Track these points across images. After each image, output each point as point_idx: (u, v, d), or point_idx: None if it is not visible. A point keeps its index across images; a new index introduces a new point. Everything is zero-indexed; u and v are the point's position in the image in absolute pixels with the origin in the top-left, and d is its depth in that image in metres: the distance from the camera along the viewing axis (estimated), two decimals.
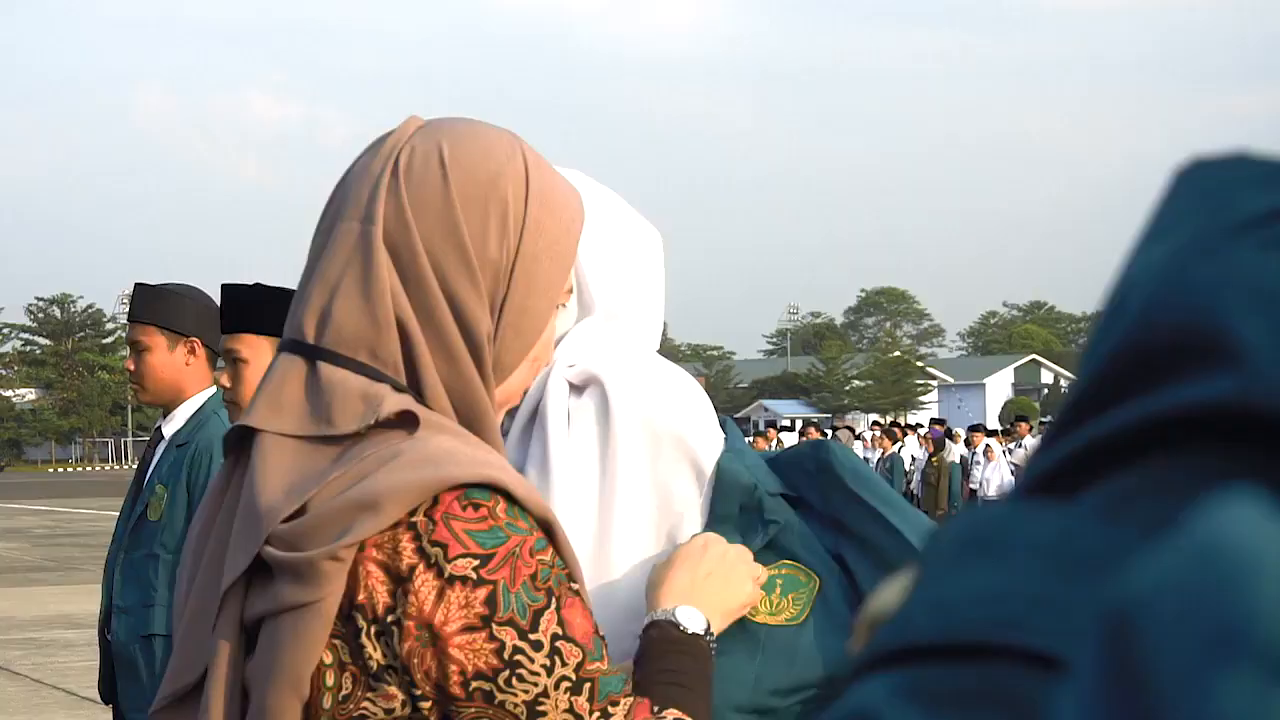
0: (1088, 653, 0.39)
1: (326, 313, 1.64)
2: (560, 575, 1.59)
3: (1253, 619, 0.36)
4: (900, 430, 28.25)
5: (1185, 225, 0.52)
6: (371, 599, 1.54)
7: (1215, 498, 0.40)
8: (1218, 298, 0.48)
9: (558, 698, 1.57)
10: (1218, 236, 0.50)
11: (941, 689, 0.47)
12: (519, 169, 1.69)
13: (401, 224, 1.64)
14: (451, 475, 1.54)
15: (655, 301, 2.11)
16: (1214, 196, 0.52)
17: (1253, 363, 0.46)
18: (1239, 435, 0.47)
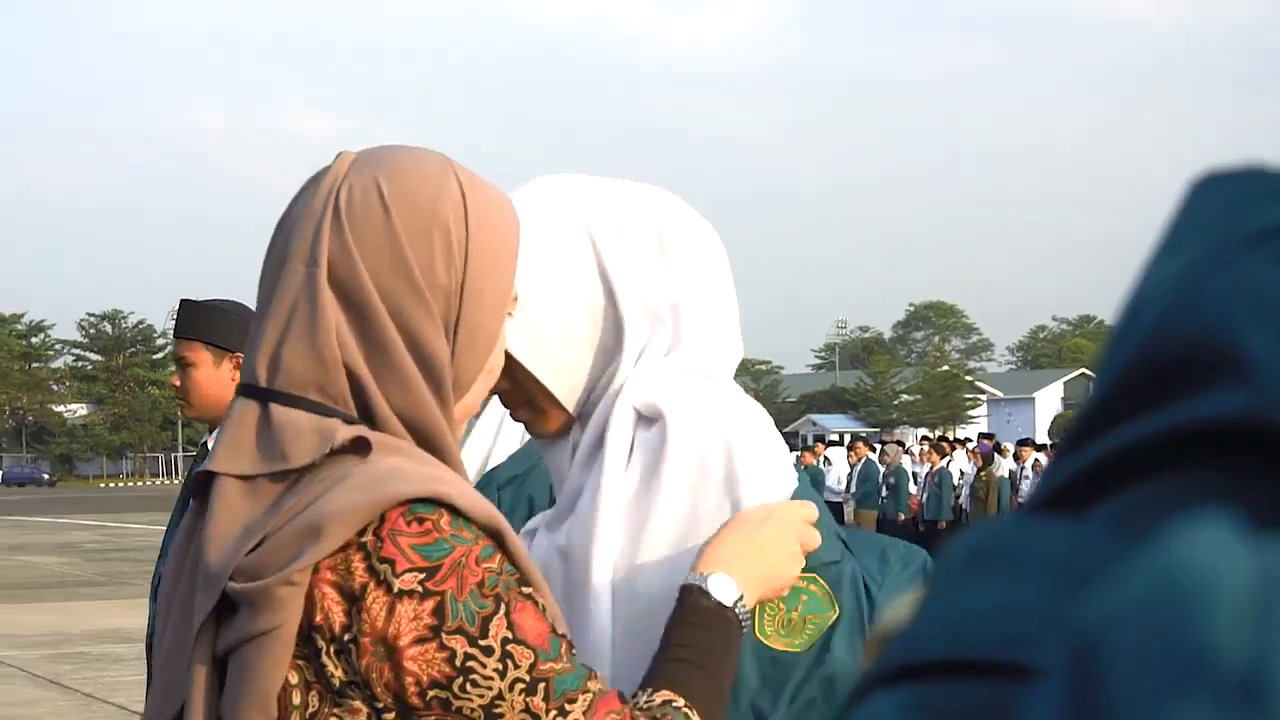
0: (1058, 673, 0.40)
1: (276, 356, 1.70)
2: (510, 581, 1.63)
3: (1208, 648, 0.36)
4: (949, 444, 28.10)
5: (1199, 238, 0.52)
6: (329, 619, 1.59)
7: (1182, 520, 0.40)
8: (1230, 312, 0.48)
9: (513, 699, 1.61)
10: (1231, 250, 0.50)
11: (949, 705, 0.47)
12: (455, 192, 1.75)
13: (349, 264, 1.69)
14: (397, 492, 1.59)
15: (731, 324, 2.10)
16: (1228, 209, 0.52)
17: (1264, 377, 0.46)
18: (1250, 450, 0.47)
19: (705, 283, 2.08)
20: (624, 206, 2.07)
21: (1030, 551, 0.48)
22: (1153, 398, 0.49)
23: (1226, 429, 0.47)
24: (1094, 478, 0.50)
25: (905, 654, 0.49)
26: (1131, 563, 0.40)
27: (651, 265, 2.05)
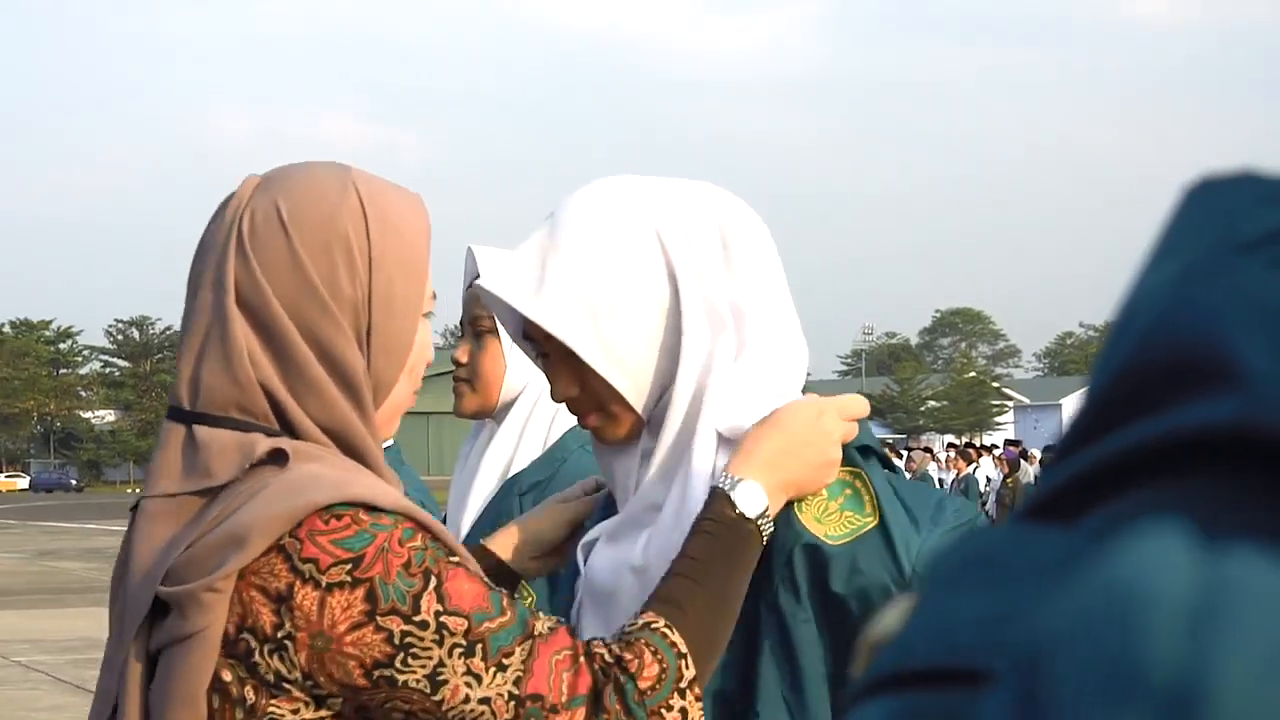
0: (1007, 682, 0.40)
1: (195, 379, 1.79)
2: (436, 554, 1.70)
3: (1144, 661, 0.36)
4: (975, 451, 28.03)
5: (1192, 244, 0.52)
6: (258, 621, 1.67)
7: (1133, 532, 0.40)
8: (1222, 318, 0.48)
9: (454, 664, 1.67)
10: (1223, 256, 0.50)
11: (936, 714, 0.46)
12: (354, 205, 1.81)
13: (255, 287, 1.77)
14: (313, 500, 1.66)
15: (794, 328, 2.10)
16: (1221, 215, 0.52)
17: (1255, 385, 0.46)
18: (1241, 458, 0.46)
19: (767, 286, 2.08)
20: (689, 207, 2.07)
21: (1020, 560, 0.48)
22: (1145, 405, 0.49)
23: (1218, 437, 0.47)
24: (1086, 485, 0.49)
25: (895, 662, 0.49)
26: (1080, 574, 0.40)
27: (716, 267, 2.05)
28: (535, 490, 2.91)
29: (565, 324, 2.01)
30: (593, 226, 2.04)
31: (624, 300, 2.03)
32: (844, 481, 1.99)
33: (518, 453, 2.96)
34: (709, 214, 2.07)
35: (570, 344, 2.00)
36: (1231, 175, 0.54)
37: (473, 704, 1.68)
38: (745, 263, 2.06)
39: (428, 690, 1.67)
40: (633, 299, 2.03)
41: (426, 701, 1.68)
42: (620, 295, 2.03)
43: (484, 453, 2.99)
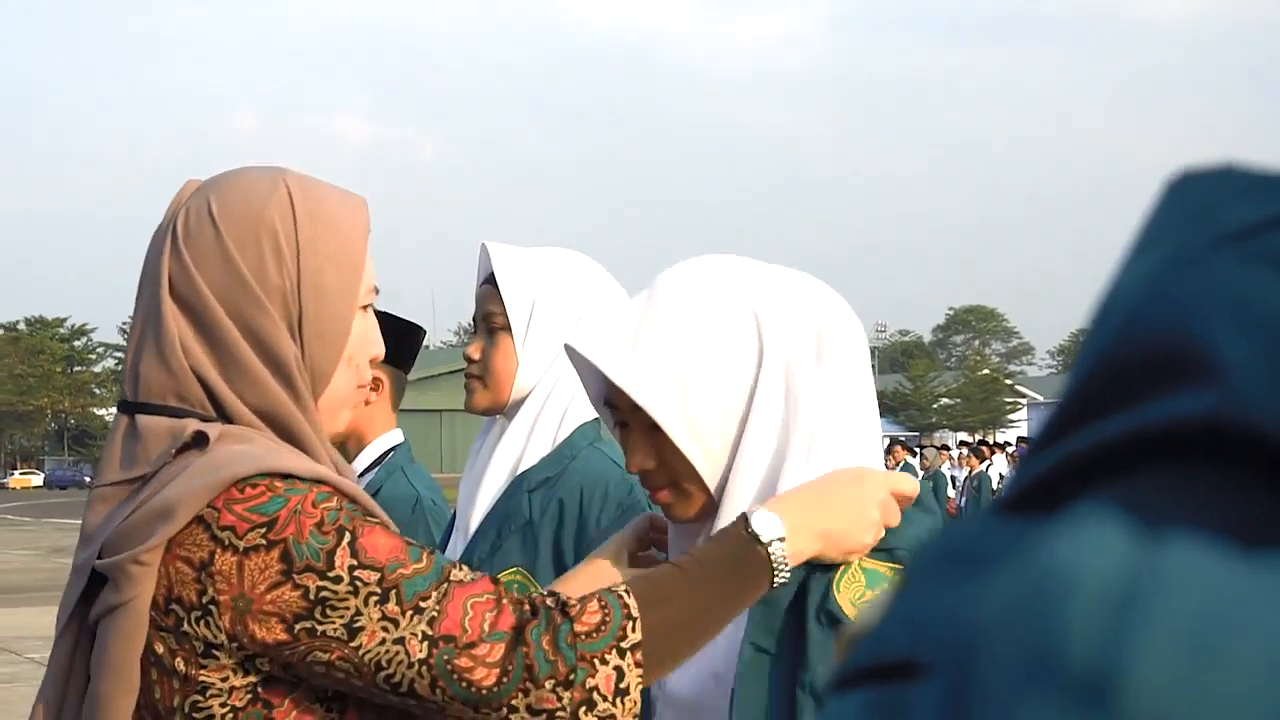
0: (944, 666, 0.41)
1: (135, 372, 1.88)
2: (351, 513, 1.76)
3: (1061, 646, 0.37)
4: (988, 449, 27.99)
5: (1170, 238, 0.52)
6: (185, 592, 1.74)
7: (1067, 514, 0.41)
8: (1199, 312, 0.48)
9: (370, 611, 1.73)
10: (1201, 249, 0.50)
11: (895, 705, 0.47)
12: (283, 198, 1.89)
13: (186, 280, 1.86)
14: (234, 473, 1.74)
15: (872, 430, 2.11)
16: (1200, 209, 0.52)
17: (1231, 379, 0.46)
18: (1217, 451, 0.47)
19: (853, 387, 2.07)
20: (790, 297, 2.07)
21: (994, 552, 0.48)
22: (1121, 398, 0.49)
23: (1194, 430, 0.47)
24: (1063, 477, 0.49)
25: (870, 655, 0.49)
26: (1009, 564, 0.40)
27: (807, 360, 2.04)
28: (544, 487, 2.91)
29: (652, 395, 2.01)
30: (690, 301, 2.04)
31: (713, 379, 2.02)
32: (887, 577, 1.98)
33: (527, 450, 2.96)
34: (808, 307, 2.07)
35: (655, 415, 2.01)
36: (1211, 169, 0.54)
37: (388, 645, 1.73)
38: (835, 360, 2.05)
39: (346, 638, 1.72)
40: (721, 378, 2.03)
41: (345, 648, 1.73)
42: (709, 373, 2.02)
43: (494, 450, 2.99)
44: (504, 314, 2.95)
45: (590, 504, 2.87)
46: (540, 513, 2.88)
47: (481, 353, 2.98)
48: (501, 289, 2.95)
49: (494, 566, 2.87)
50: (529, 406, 2.96)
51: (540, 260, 3.00)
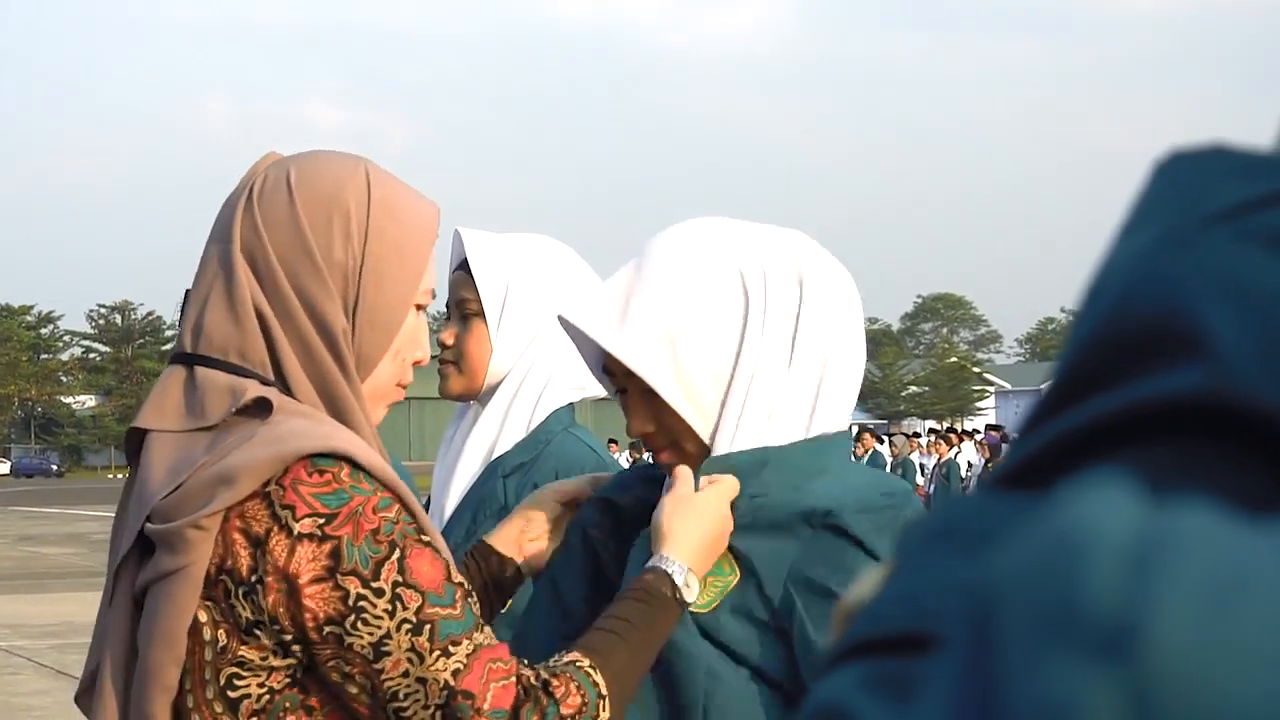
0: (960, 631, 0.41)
1: (199, 324, 1.89)
2: (406, 529, 1.78)
3: (1082, 600, 0.37)
4: (957, 436, 28.06)
5: (1161, 217, 0.52)
6: (236, 563, 1.74)
7: (1078, 481, 0.41)
8: (1190, 290, 0.48)
9: (400, 639, 1.75)
10: (1192, 228, 0.50)
11: (906, 678, 0.47)
12: (360, 182, 1.93)
13: (256, 239, 1.88)
14: (299, 448, 1.75)
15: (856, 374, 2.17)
16: (1190, 188, 0.52)
17: (1221, 356, 0.47)
18: (1208, 428, 0.47)
19: (840, 336, 2.11)
20: (773, 254, 2.10)
21: (989, 528, 0.49)
22: (1113, 375, 0.49)
23: (1185, 407, 0.47)
24: (1054, 454, 0.50)
25: (866, 629, 0.50)
26: (1027, 525, 0.41)
27: (790, 313, 2.08)
28: (518, 473, 2.92)
29: (646, 361, 2.04)
30: (678, 266, 2.07)
31: (702, 340, 2.06)
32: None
33: (502, 435, 2.97)
34: (792, 264, 2.10)
35: (650, 381, 2.04)
36: (1200, 149, 0.54)
37: (410, 680, 1.75)
38: (817, 317, 2.09)
39: (370, 657, 1.74)
40: (710, 339, 2.06)
41: (368, 668, 1.74)
42: (699, 335, 2.06)
43: (468, 435, 3.00)
44: (477, 300, 2.95)
45: None
46: (515, 498, 2.87)
47: (455, 338, 2.99)
48: (475, 275, 2.95)
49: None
50: (503, 392, 2.97)
51: (513, 246, 3.01)
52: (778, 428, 2.06)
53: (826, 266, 2.13)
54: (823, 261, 2.13)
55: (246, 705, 1.77)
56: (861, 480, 2.09)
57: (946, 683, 0.40)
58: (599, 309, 2.08)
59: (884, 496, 2.04)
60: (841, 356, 2.11)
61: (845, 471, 2.09)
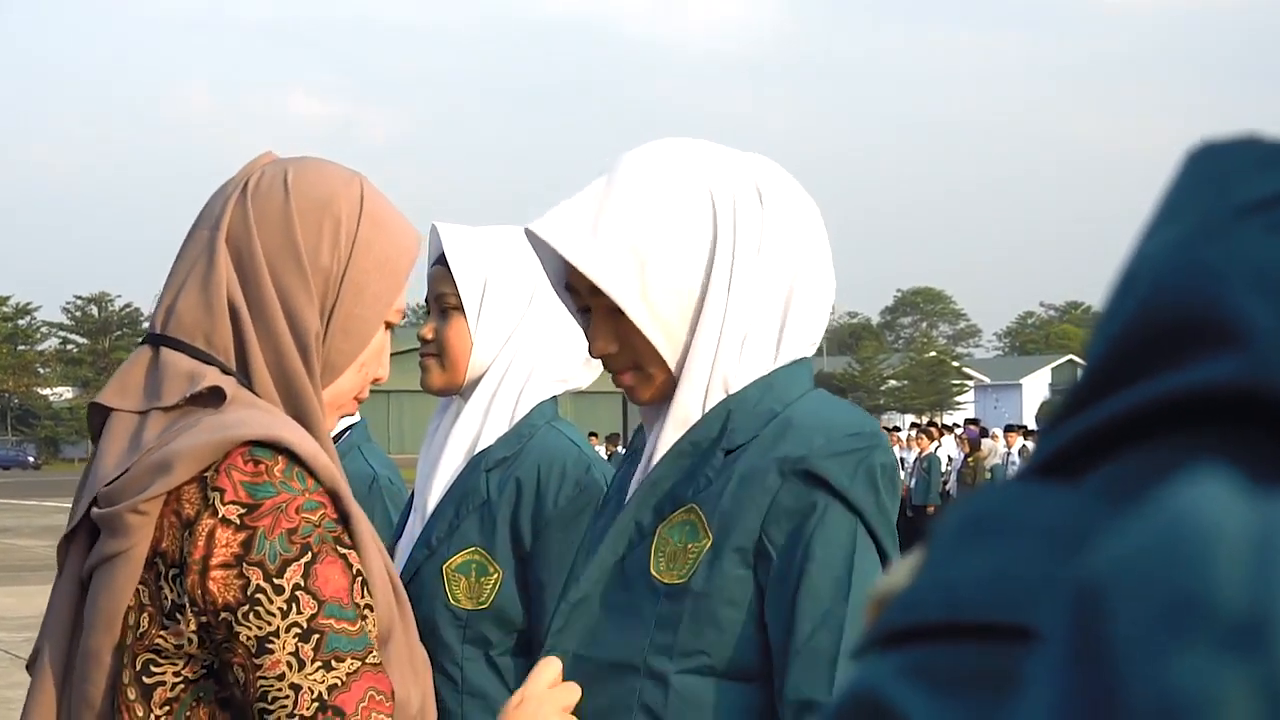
0: (1061, 625, 0.40)
1: (172, 306, 1.91)
2: (326, 535, 1.79)
3: (1210, 590, 0.37)
4: (937, 430, 28.12)
5: (1193, 208, 0.52)
6: (170, 546, 1.77)
7: (1184, 474, 0.40)
8: (1223, 280, 0.48)
9: (285, 639, 1.75)
10: (1225, 219, 0.50)
11: (945, 667, 0.47)
12: (355, 194, 1.96)
13: (245, 230, 1.90)
14: (239, 435, 1.77)
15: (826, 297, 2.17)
16: (1223, 179, 0.52)
17: (1256, 345, 0.46)
18: (1244, 418, 0.47)
19: (803, 258, 2.10)
20: (741, 177, 2.09)
21: (1027, 517, 0.48)
22: (1147, 366, 0.49)
23: (1220, 397, 0.47)
24: (1089, 445, 0.50)
25: (902, 617, 0.49)
26: (1133, 516, 0.40)
27: (756, 234, 2.06)
28: (501, 466, 2.91)
29: (612, 278, 2.02)
30: (649, 183, 2.05)
31: (670, 259, 2.04)
32: (683, 521, 2.02)
33: (484, 429, 2.96)
34: (758, 188, 2.09)
35: (615, 297, 2.02)
36: (1232, 139, 0.54)
37: (284, 685, 1.75)
38: (784, 234, 2.08)
39: (253, 650, 1.74)
40: (678, 259, 2.04)
41: (248, 660, 1.75)
42: (667, 254, 2.04)
43: (451, 430, 2.98)
44: (456, 294, 2.95)
45: (548, 483, 2.86)
46: (498, 492, 2.87)
47: (435, 332, 2.98)
48: (453, 269, 2.95)
49: (451, 546, 2.87)
50: (485, 386, 2.96)
51: (491, 239, 3.00)
52: (749, 356, 2.05)
53: (790, 189, 2.12)
54: (786, 184, 2.12)
55: (160, 693, 1.77)
56: (829, 419, 2.05)
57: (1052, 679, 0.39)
58: (566, 223, 2.05)
59: (853, 438, 2.01)
60: (808, 281, 2.10)
61: (810, 408, 2.06)
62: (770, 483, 1.98)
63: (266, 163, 1.98)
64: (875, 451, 2.01)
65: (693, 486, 2.04)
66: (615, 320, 2.06)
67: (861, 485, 1.98)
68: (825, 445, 1.99)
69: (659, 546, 2.03)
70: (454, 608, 2.84)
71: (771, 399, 2.05)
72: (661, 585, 2.01)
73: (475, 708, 2.83)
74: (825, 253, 2.14)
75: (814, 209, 2.14)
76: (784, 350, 2.09)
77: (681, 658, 1.98)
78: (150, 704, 1.77)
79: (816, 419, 2.03)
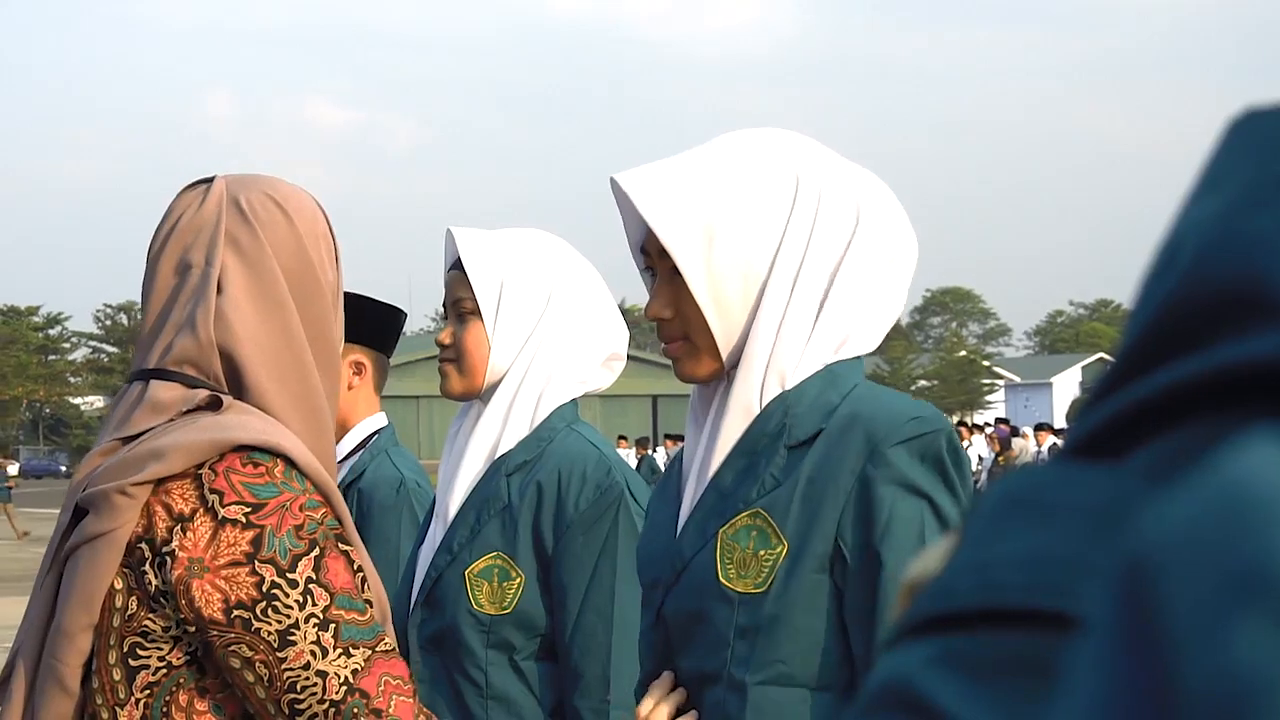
0: (1105, 606, 0.37)
1: (170, 344, 1.92)
2: (328, 532, 1.83)
3: (1270, 561, 0.34)
4: (967, 429, 28.07)
5: (1236, 177, 0.49)
6: (155, 534, 1.78)
7: (1234, 443, 0.38)
8: (1266, 251, 0.46)
9: (306, 630, 1.79)
10: (1268, 188, 0.48)
11: (979, 656, 0.45)
12: (321, 210, 2.03)
13: (262, 257, 1.93)
14: (237, 438, 1.80)
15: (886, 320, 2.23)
16: (1266, 148, 0.50)
17: None
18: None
19: (877, 284, 2.10)
20: (839, 178, 2.09)
21: (1065, 498, 0.47)
22: (1189, 341, 0.47)
23: (1265, 372, 0.44)
24: (1130, 423, 0.47)
25: (935, 604, 0.48)
26: (1181, 486, 0.38)
27: (835, 242, 2.07)
28: (521, 470, 2.90)
29: (678, 239, 2.03)
30: (736, 161, 2.07)
31: (740, 237, 2.04)
32: (749, 526, 2.01)
33: (505, 433, 2.95)
34: (855, 195, 2.09)
35: (675, 255, 2.03)
36: (1275, 107, 0.52)
37: (310, 673, 1.79)
38: (864, 253, 2.08)
39: (276, 645, 1.78)
40: (747, 237, 2.05)
41: (271, 655, 1.78)
42: (738, 229, 2.04)
43: (471, 434, 2.98)
44: (473, 298, 2.94)
45: (568, 486, 2.84)
46: (519, 496, 2.86)
47: (453, 337, 2.97)
48: (469, 273, 2.94)
49: (473, 551, 2.86)
50: (504, 389, 2.95)
51: (507, 242, 2.99)
52: (810, 352, 2.05)
53: (892, 212, 2.12)
54: (889, 207, 2.12)
55: (143, 676, 1.80)
56: (890, 407, 2.05)
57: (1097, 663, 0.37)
58: (649, 179, 2.08)
59: (915, 422, 2.01)
60: (878, 299, 2.10)
61: (868, 397, 2.06)
62: (843, 482, 1.97)
63: (225, 185, 1.99)
64: (939, 435, 2.00)
65: (756, 487, 2.02)
66: (676, 287, 2.07)
67: (929, 470, 1.98)
68: (890, 434, 1.98)
69: (724, 553, 2.01)
70: (477, 613, 2.83)
71: (832, 391, 2.05)
72: (735, 594, 1.99)
73: (500, 712, 2.82)
74: (904, 281, 2.15)
75: (912, 239, 2.15)
76: (843, 349, 2.10)
77: (759, 668, 1.97)
78: (133, 687, 1.79)
79: (877, 407, 2.03)
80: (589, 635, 2.79)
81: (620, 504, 2.82)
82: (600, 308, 3.01)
